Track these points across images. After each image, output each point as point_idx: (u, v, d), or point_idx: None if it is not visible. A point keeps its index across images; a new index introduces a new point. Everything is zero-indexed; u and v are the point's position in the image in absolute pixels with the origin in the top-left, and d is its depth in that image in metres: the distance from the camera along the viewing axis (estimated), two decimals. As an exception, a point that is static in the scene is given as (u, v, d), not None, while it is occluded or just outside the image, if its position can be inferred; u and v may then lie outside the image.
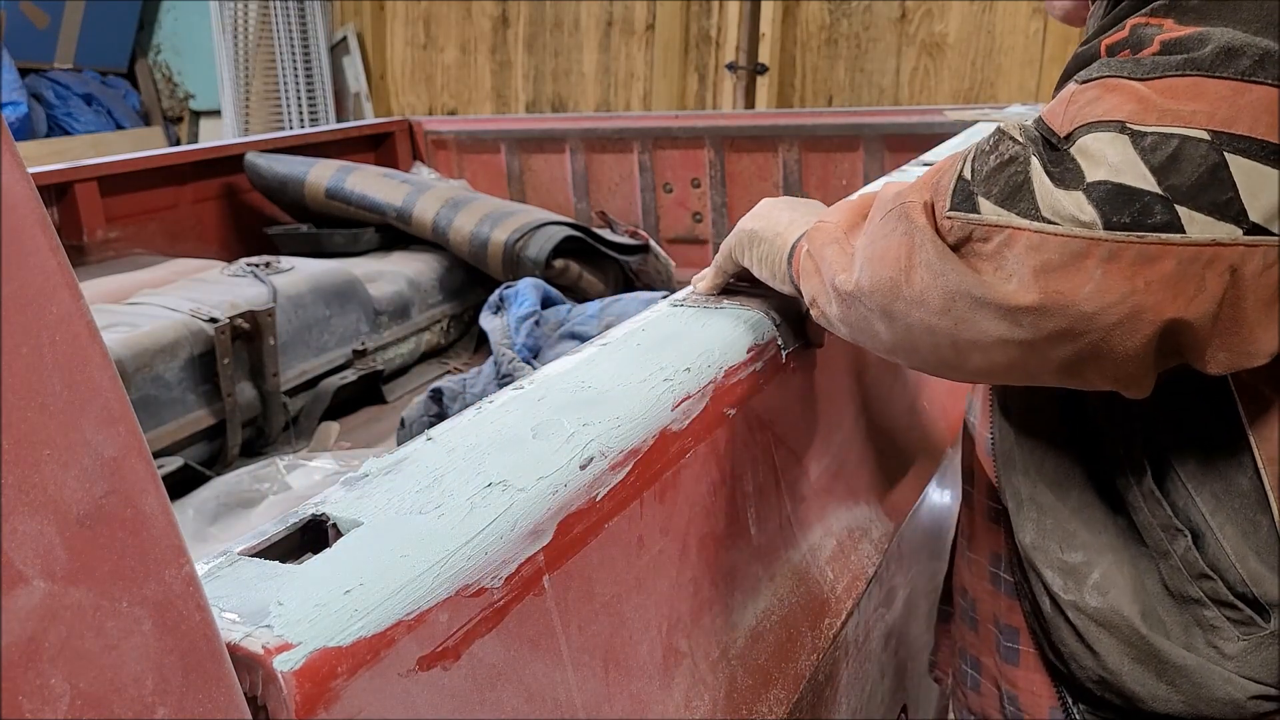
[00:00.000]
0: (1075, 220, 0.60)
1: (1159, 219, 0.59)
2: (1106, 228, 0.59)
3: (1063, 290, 0.61)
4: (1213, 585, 0.73)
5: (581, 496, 0.69)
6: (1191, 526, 0.74)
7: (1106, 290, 0.60)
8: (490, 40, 4.94)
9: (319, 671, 0.50)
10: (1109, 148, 0.60)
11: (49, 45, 5.61)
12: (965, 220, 0.65)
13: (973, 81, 4.02)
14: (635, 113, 4.57)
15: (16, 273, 0.38)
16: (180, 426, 1.94)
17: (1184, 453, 0.74)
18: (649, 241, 2.78)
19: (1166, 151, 0.58)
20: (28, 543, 0.37)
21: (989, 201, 0.64)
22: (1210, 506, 0.73)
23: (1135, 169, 0.59)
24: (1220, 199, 0.58)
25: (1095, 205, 0.60)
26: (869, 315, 0.73)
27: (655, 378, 0.83)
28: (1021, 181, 0.63)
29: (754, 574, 0.91)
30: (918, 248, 0.67)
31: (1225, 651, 0.73)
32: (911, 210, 0.68)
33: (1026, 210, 0.62)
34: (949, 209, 0.66)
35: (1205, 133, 0.58)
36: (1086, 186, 0.60)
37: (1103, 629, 0.78)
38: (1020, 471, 0.84)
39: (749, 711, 0.82)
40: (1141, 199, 0.59)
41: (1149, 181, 0.59)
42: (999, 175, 0.64)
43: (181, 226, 2.81)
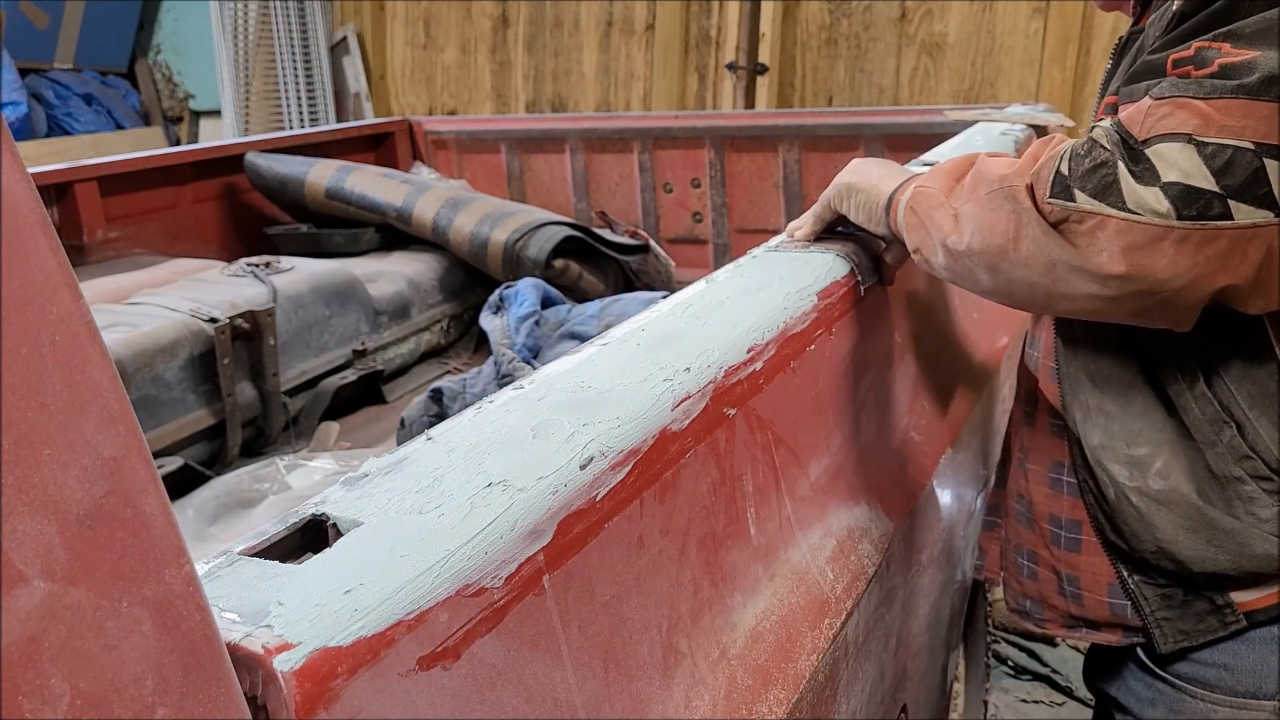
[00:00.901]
0: (1155, 212, 0.81)
1: (1216, 211, 0.79)
2: (1179, 219, 0.80)
3: (1144, 263, 0.82)
4: (1253, 464, 0.96)
5: (581, 496, 0.69)
6: (1235, 420, 0.96)
7: (1177, 264, 0.82)
8: (490, 40, 4.94)
9: (319, 671, 0.50)
10: (1180, 155, 0.80)
11: (49, 45, 5.61)
12: (1064, 206, 0.85)
13: (973, 81, 4.02)
14: (635, 113, 4.57)
15: (16, 273, 0.38)
16: (180, 426, 1.94)
17: (1227, 364, 0.96)
18: (649, 241, 2.78)
19: (1223, 159, 0.79)
20: (28, 543, 0.37)
21: (1084, 194, 0.84)
22: (1248, 403, 0.96)
23: (1201, 173, 0.79)
24: (1260, 193, 0.79)
25: (1170, 201, 0.80)
26: (974, 268, 0.95)
27: (655, 378, 0.83)
28: (1111, 181, 0.83)
29: (754, 574, 0.91)
30: (1024, 224, 0.88)
31: (1261, 517, 0.96)
32: (1017, 193, 0.89)
33: (1116, 203, 0.82)
34: (1049, 196, 0.86)
35: (1251, 144, 0.78)
36: (1162, 185, 0.80)
37: (1163, 507, 1.00)
38: (1087, 388, 1.05)
39: (749, 711, 0.82)
40: (1204, 196, 0.79)
41: (1210, 182, 0.79)
42: (1092, 175, 0.84)
43: (181, 226, 2.81)
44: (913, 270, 1.33)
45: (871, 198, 1.12)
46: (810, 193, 2.96)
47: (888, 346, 1.28)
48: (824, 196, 1.20)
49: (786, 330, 1.02)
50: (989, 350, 1.69)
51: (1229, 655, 1.04)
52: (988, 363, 1.66)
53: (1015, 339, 1.82)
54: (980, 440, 1.59)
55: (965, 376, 1.55)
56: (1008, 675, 2.67)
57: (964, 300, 1.62)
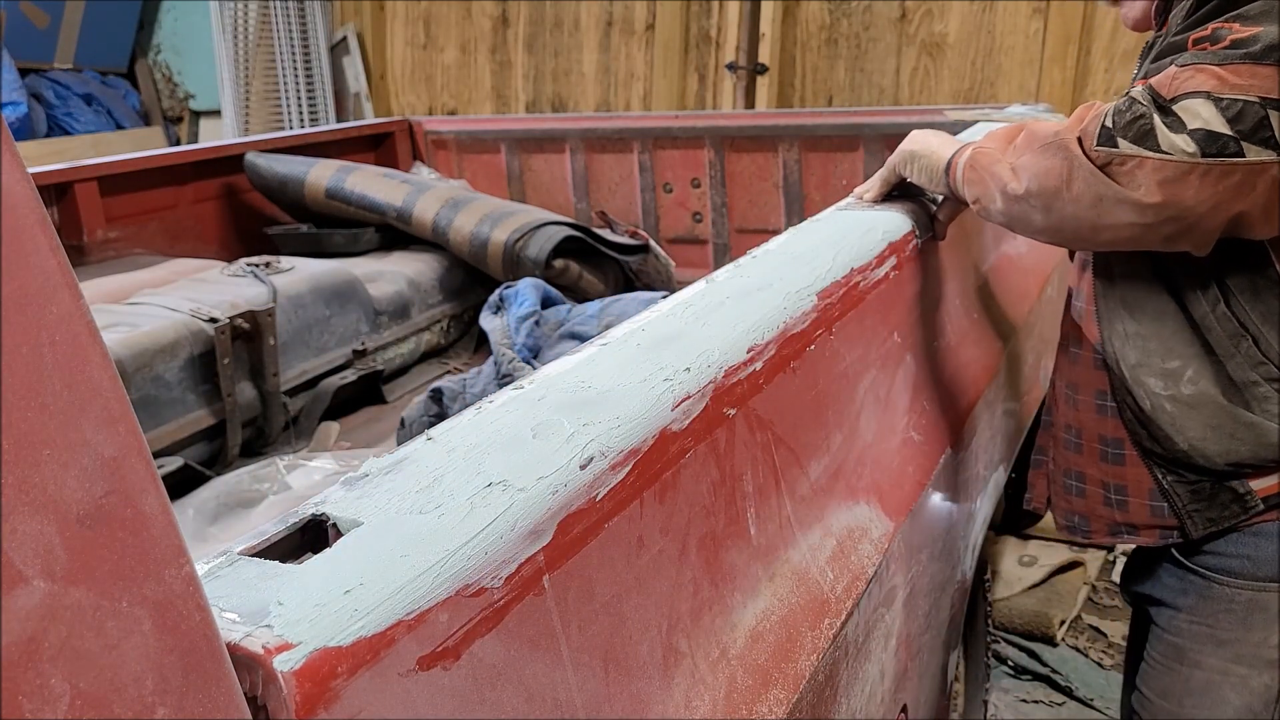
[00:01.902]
0: (1184, 152, 1.01)
1: (1232, 150, 1.00)
2: (1203, 156, 1.01)
3: (1176, 193, 1.03)
4: (1266, 369, 1.17)
5: (581, 496, 0.69)
6: (1250, 333, 1.17)
7: (1202, 193, 1.02)
8: (490, 40, 4.94)
9: (319, 671, 0.50)
10: (1201, 108, 1.01)
11: (49, 45, 5.61)
12: (1109, 152, 1.05)
13: (973, 81, 4.02)
14: (635, 113, 4.57)
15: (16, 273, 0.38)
16: (180, 426, 1.94)
17: (1241, 289, 1.17)
18: (649, 241, 2.78)
19: (1236, 110, 0.99)
20: (28, 543, 0.37)
21: (1126, 141, 1.04)
22: (1260, 320, 1.16)
23: (1219, 121, 1.00)
24: (1265, 136, 0.99)
25: (1196, 143, 1.01)
26: (1030, 211, 1.15)
27: (655, 378, 0.83)
28: (1148, 129, 1.03)
29: (754, 574, 0.91)
30: (1076, 168, 1.08)
31: (1273, 410, 1.17)
32: (1069, 144, 1.09)
33: (1152, 146, 1.03)
34: (1096, 145, 1.06)
35: (1257, 99, 0.99)
36: (1189, 131, 1.01)
37: (1193, 410, 1.21)
38: (1124, 318, 1.26)
39: (749, 711, 0.82)
40: (1222, 139, 1.00)
41: (1226, 128, 1.00)
42: (1132, 126, 1.04)
43: (181, 226, 2.81)
44: (917, 271, 1.34)
45: (932, 162, 1.33)
46: (810, 192, 2.96)
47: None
48: (889, 163, 1.42)
49: (786, 330, 1.02)
50: (989, 350, 1.69)
51: (1250, 547, 1.23)
52: (988, 363, 1.66)
53: (1015, 339, 1.82)
54: (980, 440, 1.59)
55: (965, 376, 1.55)
56: (1008, 675, 2.67)
57: (966, 300, 1.63)
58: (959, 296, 1.60)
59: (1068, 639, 2.79)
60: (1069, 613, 2.85)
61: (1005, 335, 1.77)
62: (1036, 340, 2.03)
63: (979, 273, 1.74)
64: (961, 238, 1.66)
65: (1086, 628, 2.83)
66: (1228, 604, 1.26)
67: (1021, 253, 1.95)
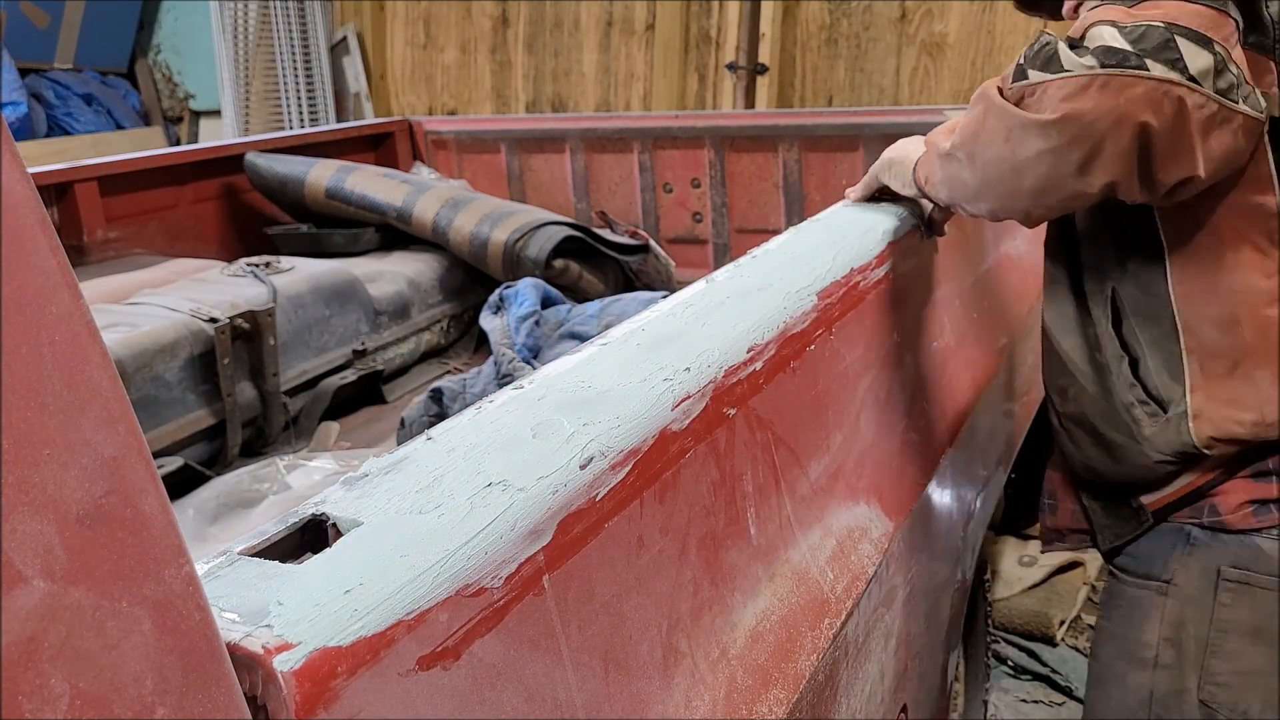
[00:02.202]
0: (1083, 66, 1.00)
1: (1133, 64, 0.99)
2: (1102, 67, 1.00)
3: (1076, 106, 1.01)
4: (1138, 391, 1.19)
5: (581, 496, 0.69)
6: (1132, 354, 1.20)
7: (1101, 104, 1.00)
8: (490, 40, 4.94)
9: (319, 671, 0.50)
10: (1104, 32, 1.01)
11: (49, 45, 5.61)
12: (1019, 86, 1.05)
13: (973, 81, 4.02)
14: (635, 113, 4.57)
15: (16, 273, 0.38)
16: (180, 426, 1.94)
17: (1137, 310, 1.19)
18: (649, 241, 2.78)
19: (1139, 32, 1.00)
20: (28, 543, 0.37)
21: (1034, 69, 1.04)
22: (1147, 341, 1.18)
23: (1119, 40, 1.00)
24: (1171, 57, 0.99)
25: (1095, 57, 1.00)
26: (959, 167, 1.15)
27: (655, 378, 0.83)
28: (1052, 54, 1.03)
29: (754, 574, 0.91)
30: (990, 109, 1.08)
31: (1144, 434, 1.19)
32: (988, 90, 1.10)
33: (1056, 69, 1.02)
34: (1010, 83, 1.07)
35: (1162, 24, 1.00)
36: (1091, 50, 1.01)
37: (1078, 428, 1.26)
38: (1046, 334, 1.31)
39: (749, 711, 0.82)
40: (1123, 53, 0.99)
41: (1128, 46, 1.00)
42: (1039, 55, 1.05)
43: (181, 226, 2.81)
44: (917, 271, 1.34)
45: (904, 166, 1.37)
46: (810, 192, 2.96)
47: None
48: (871, 170, 1.47)
49: (786, 330, 1.02)
50: (989, 350, 1.69)
51: (1135, 545, 1.29)
52: (988, 363, 1.66)
53: (1015, 339, 1.82)
54: (980, 440, 1.59)
55: (965, 376, 1.55)
56: (1008, 675, 2.67)
57: (965, 301, 1.62)
58: (959, 296, 1.60)
59: (1068, 639, 2.79)
60: (1069, 613, 2.85)
61: (1005, 335, 1.77)
62: (1036, 340, 2.03)
63: (979, 273, 1.74)
64: (961, 238, 1.65)
65: (1086, 628, 2.83)
66: (1118, 599, 1.31)
67: (1021, 253, 1.95)
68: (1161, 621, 1.24)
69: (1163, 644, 1.24)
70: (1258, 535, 1.18)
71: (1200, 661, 1.22)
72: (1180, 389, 1.17)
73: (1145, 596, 1.26)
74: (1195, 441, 1.16)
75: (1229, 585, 1.20)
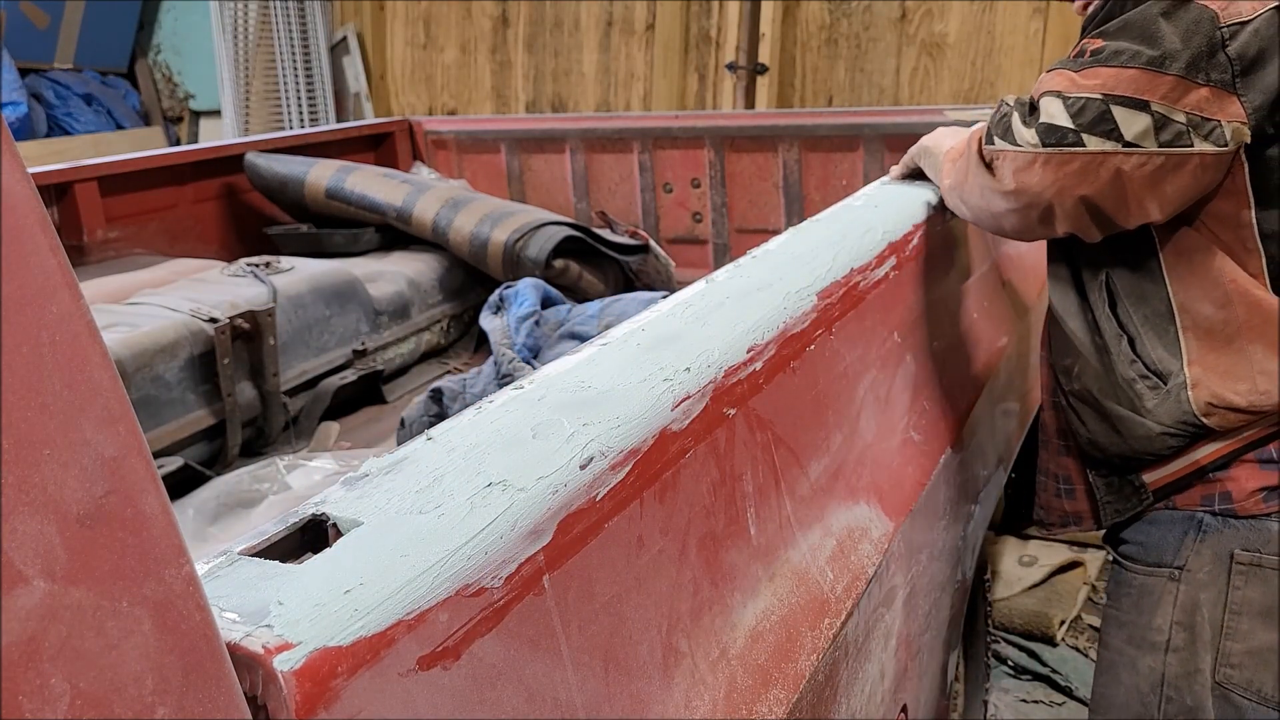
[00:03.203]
0: (1029, 143, 1.16)
1: (1070, 140, 1.14)
2: (1043, 146, 1.15)
3: (1024, 180, 1.18)
4: (1138, 366, 1.26)
5: (581, 496, 0.69)
6: (1129, 333, 1.27)
7: (1044, 179, 1.17)
8: (490, 40, 4.94)
9: (319, 671, 0.50)
10: (1051, 105, 1.15)
11: (49, 45, 5.61)
12: (989, 150, 1.23)
13: (973, 81, 4.02)
14: (635, 113, 4.57)
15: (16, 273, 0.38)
16: (180, 426, 1.94)
17: (1128, 292, 1.27)
18: (649, 241, 2.78)
19: (1079, 106, 1.13)
20: (28, 543, 0.37)
21: (997, 136, 1.21)
22: (1140, 320, 1.26)
23: (1062, 116, 1.14)
24: (1107, 129, 1.12)
25: (1038, 135, 1.16)
26: (957, 201, 1.36)
27: (655, 378, 0.83)
28: (1008, 126, 1.20)
29: (754, 574, 0.91)
30: (970, 165, 1.27)
31: (1147, 407, 1.25)
32: (973, 144, 1.28)
33: (1010, 140, 1.19)
34: (984, 144, 1.24)
35: (1100, 96, 1.12)
36: (1037, 125, 1.16)
37: (1083, 405, 1.33)
38: (1050, 320, 1.39)
39: (749, 711, 0.82)
40: (1061, 130, 1.14)
41: (1068, 122, 1.14)
42: (999, 125, 1.21)
43: (181, 226, 2.81)
44: (917, 271, 1.34)
45: (936, 159, 1.52)
46: (810, 192, 2.96)
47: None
48: (909, 154, 1.64)
49: (786, 330, 1.02)
50: (989, 350, 1.69)
51: (1144, 534, 1.34)
52: (988, 363, 1.66)
53: (1015, 339, 1.82)
54: (980, 440, 1.59)
55: (965, 376, 1.55)
56: (1008, 675, 2.67)
57: (966, 301, 1.63)
58: (959, 296, 1.60)
59: (1068, 639, 2.79)
60: (1069, 613, 2.85)
61: (1005, 335, 1.77)
62: (1036, 340, 2.03)
63: (979, 273, 1.74)
64: (962, 238, 1.66)
65: (1086, 628, 2.83)
66: (1127, 587, 1.36)
67: (1021, 253, 1.95)
68: (1174, 606, 1.29)
69: (1175, 628, 1.29)
70: (1268, 519, 1.24)
71: (1215, 644, 1.27)
72: (1178, 363, 1.24)
73: (1156, 583, 1.31)
74: (1195, 410, 1.22)
75: (1241, 568, 1.25)
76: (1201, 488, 1.28)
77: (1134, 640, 1.34)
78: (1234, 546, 1.26)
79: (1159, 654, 1.31)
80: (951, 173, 1.36)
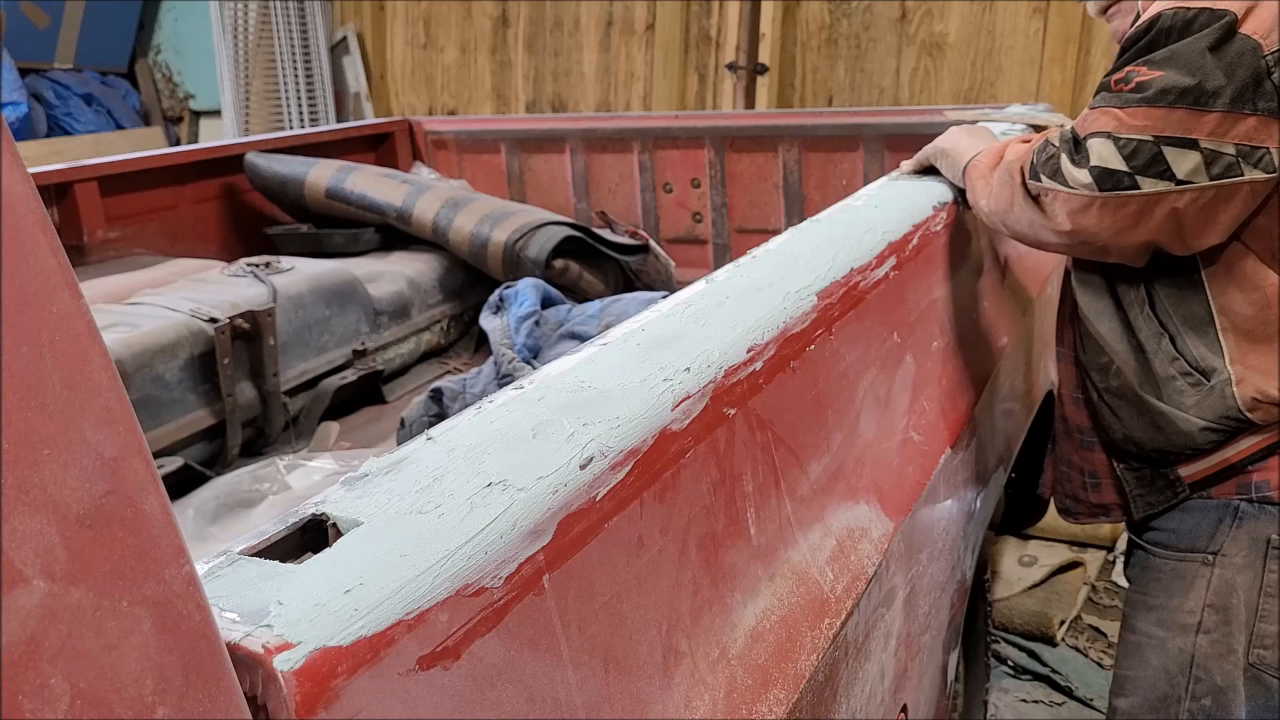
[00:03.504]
0: (1085, 186, 1.20)
1: (1126, 184, 1.18)
2: (1100, 190, 1.20)
3: (1081, 222, 1.23)
4: (1179, 364, 1.31)
5: (581, 496, 0.69)
6: (1170, 332, 1.32)
7: (1102, 221, 1.22)
8: (490, 40, 4.94)
9: (319, 671, 0.50)
10: (1102, 147, 1.20)
11: (49, 45, 5.60)
12: (1035, 185, 1.27)
13: (973, 81, 4.02)
14: (635, 113, 4.56)
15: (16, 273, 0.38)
16: (180, 426, 1.94)
17: (1168, 294, 1.32)
18: (649, 241, 2.78)
19: (1131, 149, 1.18)
20: (28, 543, 0.37)
21: (1045, 176, 1.25)
22: (1180, 320, 1.31)
23: (1115, 160, 1.19)
24: (1159, 169, 1.17)
25: (1094, 179, 1.20)
26: (995, 223, 1.40)
27: (655, 378, 0.83)
28: (1058, 167, 1.23)
29: (754, 574, 0.91)
30: (1015, 196, 1.31)
31: (1187, 403, 1.31)
32: (1014, 174, 1.31)
33: (1062, 181, 1.23)
34: (1028, 178, 1.28)
35: (1150, 137, 1.17)
36: (1090, 168, 1.20)
37: (1121, 400, 1.37)
38: (1080, 320, 1.42)
39: (749, 711, 0.82)
40: (1117, 174, 1.19)
41: (1122, 165, 1.18)
42: (1048, 164, 1.25)
43: (181, 226, 2.81)
44: (918, 271, 1.34)
45: (955, 161, 1.55)
46: (810, 193, 2.96)
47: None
48: (924, 152, 1.67)
49: (786, 330, 1.02)
50: (989, 350, 1.69)
51: (1177, 521, 1.39)
52: (988, 362, 1.66)
53: (1015, 339, 1.82)
54: (980, 440, 1.59)
55: (965, 376, 1.55)
56: (1008, 675, 2.67)
57: (966, 301, 1.63)
58: (959, 296, 1.60)
59: (1068, 639, 2.79)
60: (1069, 613, 2.85)
61: (1005, 335, 1.77)
62: (1036, 340, 2.03)
63: (979, 273, 1.74)
64: (962, 238, 1.66)
65: (1086, 628, 2.83)
66: (1156, 572, 1.41)
67: (1021, 253, 1.95)
68: (1207, 590, 1.35)
69: (1207, 610, 1.35)
70: None
71: (1249, 626, 1.33)
72: (1221, 360, 1.29)
73: (1189, 568, 1.37)
74: (1240, 405, 1.28)
75: (1277, 553, 1.32)
76: (1238, 479, 1.33)
77: (1163, 623, 1.39)
78: (1270, 532, 1.31)
79: (1190, 635, 1.36)
80: (987, 193, 1.39)
